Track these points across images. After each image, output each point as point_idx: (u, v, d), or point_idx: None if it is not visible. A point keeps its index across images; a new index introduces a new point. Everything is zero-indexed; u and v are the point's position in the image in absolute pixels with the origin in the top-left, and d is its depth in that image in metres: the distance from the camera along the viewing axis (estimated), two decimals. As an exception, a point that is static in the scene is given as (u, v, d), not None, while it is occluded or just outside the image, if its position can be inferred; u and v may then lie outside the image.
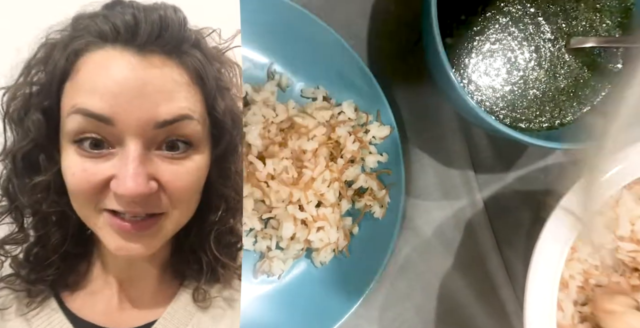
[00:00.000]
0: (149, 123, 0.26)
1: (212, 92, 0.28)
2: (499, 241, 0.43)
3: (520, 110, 0.37)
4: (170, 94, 0.26)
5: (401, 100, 0.42)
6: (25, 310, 0.28)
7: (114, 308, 0.29)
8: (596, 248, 0.33)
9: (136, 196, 0.26)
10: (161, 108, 0.26)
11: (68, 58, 0.26)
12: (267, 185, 0.36)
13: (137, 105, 0.26)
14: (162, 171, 0.27)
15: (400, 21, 0.41)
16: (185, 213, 0.28)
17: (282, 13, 0.37)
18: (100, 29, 0.26)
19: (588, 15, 0.37)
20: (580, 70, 0.37)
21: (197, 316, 0.30)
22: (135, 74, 0.26)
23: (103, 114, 0.25)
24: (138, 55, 0.26)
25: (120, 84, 0.25)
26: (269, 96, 0.38)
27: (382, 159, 0.40)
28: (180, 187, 0.27)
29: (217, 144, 0.29)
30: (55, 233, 0.28)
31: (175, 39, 0.27)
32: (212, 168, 0.29)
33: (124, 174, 0.25)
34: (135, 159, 0.26)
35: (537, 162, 0.43)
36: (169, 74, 0.26)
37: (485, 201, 0.43)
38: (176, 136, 0.27)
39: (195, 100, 0.27)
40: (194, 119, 0.27)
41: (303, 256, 0.39)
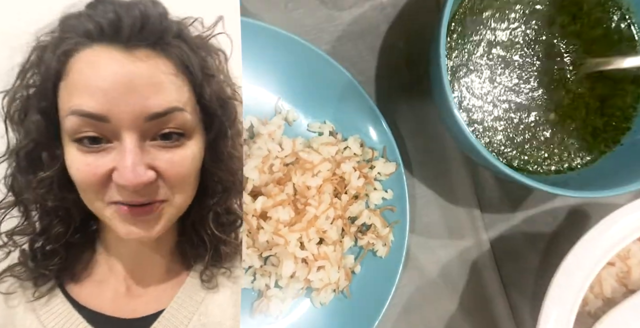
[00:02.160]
0: (141, 116, 0.27)
1: (199, 81, 0.29)
2: (505, 284, 0.42)
3: (529, 153, 0.37)
4: (159, 87, 0.27)
5: (407, 136, 0.41)
6: (32, 299, 0.29)
7: (121, 297, 0.30)
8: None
9: (137, 185, 0.27)
10: (151, 101, 0.27)
11: (59, 59, 0.27)
12: (258, 223, 0.35)
13: (128, 100, 0.27)
14: (159, 160, 0.28)
15: (408, 58, 0.41)
16: (185, 197, 0.29)
17: (291, 49, 0.38)
18: (86, 28, 0.27)
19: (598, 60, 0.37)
20: (590, 113, 0.37)
21: (205, 303, 0.31)
22: (123, 70, 0.27)
23: (97, 112, 0.26)
24: (124, 51, 0.27)
25: (109, 81, 0.26)
26: (276, 130, 0.38)
27: (387, 195, 0.39)
28: (177, 174, 0.28)
29: (208, 130, 0.30)
30: (58, 225, 0.29)
31: (157, 31, 0.28)
32: (206, 153, 0.30)
33: (123, 165, 0.27)
34: (131, 151, 0.27)
35: (545, 203, 0.43)
36: (155, 66, 0.27)
37: (491, 242, 0.42)
38: (168, 127, 0.28)
39: (184, 91, 0.28)
40: (184, 109, 0.28)
41: (303, 295, 0.38)
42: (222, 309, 0.31)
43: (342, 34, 0.41)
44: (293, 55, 0.38)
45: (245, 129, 0.38)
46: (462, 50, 0.37)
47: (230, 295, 0.31)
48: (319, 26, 0.41)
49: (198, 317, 0.30)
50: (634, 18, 0.38)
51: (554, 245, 0.42)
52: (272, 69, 0.38)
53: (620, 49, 0.37)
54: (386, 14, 0.41)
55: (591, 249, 0.31)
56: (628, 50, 0.38)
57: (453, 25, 0.36)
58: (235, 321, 0.31)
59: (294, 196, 0.37)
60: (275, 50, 0.37)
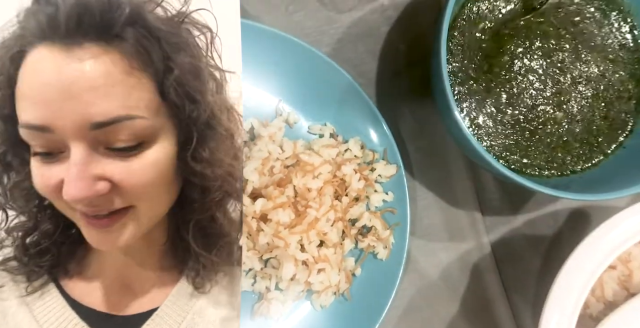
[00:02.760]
0: (84, 126, 0.24)
1: (160, 74, 0.25)
2: (506, 287, 0.42)
3: (530, 156, 0.37)
4: (103, 91, 0.24)
5: (408, 138, 0.41)
6: (24, 294, 0.28)
7: (115, 293, 0.29)
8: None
9: (81, 200, 0.25)
10: (94, 108, 0.24)
11: (11, 62, 0.25)
12: (258, 224, 0.35)
13: (69, 108, 0.24)
14: (112, 170, 0.25)
15: (409, 60, 0.41)
16: (157, 205, 0.27)
17: (291, 51, 0.38)
18: (32, 25, 0.25)
19: (601, 64, 0.37)
20: (594, 116, 0.37)
21: (199, 303, 0.29)
22: (62, 74, 0.24)
23: (38, 123, 0.25)
24: (64, 51, 0.24)
25: (49, 88, 0.24)
26: (276, 132, 0.38)
27: (388, 197, 0.39)
28: (135, 185, 0.26)
29: (180, 130, 0.26)
30: (47, 223, 0.28)
31: (99, 23, 0.24)
32: (178, 157, 0.27)
33: (67, 179, 0.25)
34: (76, 164, 0.24)
35: (547, 206, 0.42)
36: (100, 66, 0.24)
37: (492, 244, 0.42)
38: (120, 140, 0.25)
39: (140, 91, 0.25)
40: (137, 117, 0.25)
41: (303, 298, 0.38)
42: (217, 309, 0.30)
43: (342, 37, 0.41)
44: (294, 57, 0.38)
45: (245, 130, 0.38)
46: (463, 52, 0.37)
47: (226, 296, 0.30)
48: (319, 28, 0.41)
49: (192, 316, 0.29)
50: (635, 21, 0.38)
51: (555, 248, 0.42)
52: (272, 71, 0.38)
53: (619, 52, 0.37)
54: (387, 16, 0.41)
55: (592, 252, 0.31)
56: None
57: (454, 28, 0.36)
58: (233, 322, 0.30)
59: (294, 198, 0.36)
60: (275, 52, 0.37)
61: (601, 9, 0.37)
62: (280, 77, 0.39)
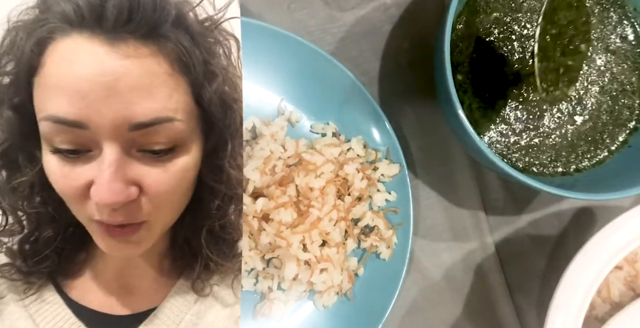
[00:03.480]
0: (124, 125, 0.23)
1: (200, 80, 0.25)
2: (510, 287, 0.41)
3: (535, 155, 0.36)
4: (147, 91, 0.23)
5: (411, 137, 0.41)
6: (23, 297, 0.27)
7: (113, 294, 0.28)
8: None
9: (113, 204, 0.24)
10: (137, 108, 0.23)
11: (33, 48, 0.23)
12: (260, 224, 0.35)
13: (109, 106, 0.22)
14: (143, 175, 0.24)
15: (413, 59, 0.41)
16: (172, 213, 0.27)
17: (294, 50, 0.37)
18: (63, 10, 0.23)
19: (602, 56, 0.37)
20: (600, 111, 0.36)
21: (198, 304, 0.29)
22: (105, 68, 0.22)
23: (72, 118, 0.23)
24: (108, 44, 0.22)
25: (88, 82, 0.22)
26: (278, 131, 0.38)
27: (391, 197, 0.39)
28: (163, 192, 0.25)
29: (207, 138, 0.26)
30: (47, 228, 0.26)
31: (150, 21, 0.23)
32: (203, 163, 0.26)
33: (100, 181, 0.23)
34: (111, 165, 0.23)
35: (551, 206, 0.42)
36: (145, 65, 0.23)
37: (496, 245, 0.42)
38: (157, 142, 0.24)
39: (179, 93, 0.24)
40: (176, 120, 0.24)
41: (305, 298, 0.38)
42: (216, 310, 0.30)
43: (345, 35, 0.41)
44: (296, 56, 0.37)
45: (247, 129, 0.38)
46: (467, 51, 0.36)
47: (227, 297, 0.30)
48: (322, 27, 0.40)
49: (190, 317, 0.29)
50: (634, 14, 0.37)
51: (560, 248, 0.42)
52: (274, 69, 0.38)
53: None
54: (390, 14, 0.41)
55: (598, 253, 0.31)
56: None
57: (458, 26, 0.36)
58: (233, 322, 0.30)
59: (296, 198, 0.36)
60: (277, 51, 0.37)
61: (600, 3, 0.37)
62: (283, 75, 0.38)
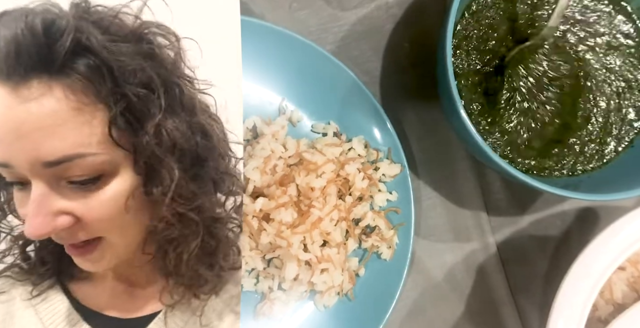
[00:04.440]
0: (36, 164, 0.24)
1: (113, 105, 0.24)
2: (512, 288, 0.41)
3: (539, 155, 0.36)
4: (50, 131, 0.23)
5: (413, 137, 0.41)
6: (30, 297, 0.28)
7: (119, 296, 0.29)
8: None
9: (39, 236, 0.25)
10: (43, 147, 0.24)
11: None
12: (260, 224, 0.35)
13: (20, 148, 0.24)
14: (72, 205, 0.25)
15: (414, 58, 0.41)
16: (128, 234, 0.27)
17: (295, 49, 0.37)
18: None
19: (607, 52, 0.36)
20: (609, 108, 0.36)
21: (201, 307, 0.30)
22: (12, 114, 0.23)
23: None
24: (12, 91, 0.23)
25: (1, 127, 0.24)
26: (279, 130, 0.38)
27: (392, 197, 0.39)
28: (98, 217, 0.26)
29: (135, 162, 0.26)
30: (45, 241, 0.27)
31: (38, 57, 0.23)
32: (145, 185, 0.26)
33: (28, 212, 0.25)
34: (34, 200, 0.25)
35: (554, 206, 0.42)
36: (46, 105, 0.23)
37: (498, 245, 0.41)
38: (75, 175, 0.25)
39: (92, 126, 0.24)
40: (89, 154, 0.24)
41: (306, 298, 0.38)
42: (219, 312, 0.30)
43: (346, 34, 0.40)
44: (297, 55, 0.37)
45: (248, 129, 0.38)
46: (469, 50, 0.36)
47: (229, 298, 0.31)
48: (323, 26, 0.40)
49: (195, 320, 0.30)
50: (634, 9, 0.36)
51: (563, 249, 0.41)
52: (276, 69, 0.38)
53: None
54: (392, 13, 0.41)
55: (601, 253, 0.30)
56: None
57: (460, 26, 0.36)
58: (234, 324, 0.30)
59: (297, 197, 0.36)
60: (279, 50, 0.37)
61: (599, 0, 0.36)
62: (284, 75, 0.38)
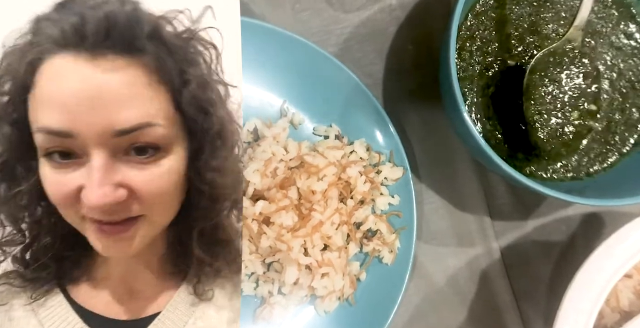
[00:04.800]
0: (108, 132, 0.26)
1: (176, 88, 0.27)
2: (516, 294, 0.40)
3: (543, 158, 0.35)
4: (127, 100, 0.26)
5: (415, 140, 0.40)
6: (30, 301, 0.29)
7: (119, 299, 0.30)
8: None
9: (103, 206, 0.26)
10: (118, 117, 0.25)
11: (26, 69, 0.26)
12: (260, 227, 0.34)
13: (94, 116, 0.25)
14: (131, 177, 0.26)
15: (417, 61, 0.41)
16: (165, 214, 0.28)
17: (297, 51, 0.37)
18: (51, 33, 0.26)
19: (609, 52, 0.36)
20: (613, 109, 0.35)
21: (200, 308, 0.30)
22: (88, 83, 0.25)
23: (60, 129, 0.25)
24: (90, 60, 0.25)
25: (74, 96, 0.25)
26: (280, 132, 0.38)
27: (394, 201, 0.38)
28: (152, 192, 0.27)
29: (190, 142, 0.28)
30: (46, 236, 0.28)
31: (125, 36, 0.26)
32: (189, 166, 0.28)
33: (89, 185, 0.26)
34: (99, 170, 0.25)
35: (559, 211, 0.41)
36: (124, 77, 0.26)
37: (502, 250, 0.41)
38: (140, 143, 0.26)
39: (158, 101, 0.26)
40: (156, 124, 0.26)
41: (306, 303, 0.37)
42: (218, 314, 0.30)
43: (349, 36, 0.40)
44: (299, 57, 0.37)
45: (249, 131, 0.38)
46: (472, 53, 0.36)
47: (228, 300, 0.30)
48: (326, 28, 0.40)
49: (194, 321, 0.30)
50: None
51: (568, 255, 0.41)
52: (277, 71, 0.38)
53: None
54: (395, 16, 0.40)
55: (607, 260, 0.30)
56: None
57: (463, 28, 0.36)
58: (234, 326, 0.30)
59: (298, 201, 0.36)
60: (281, 52, 0.37)
61: (598, 0, 0.36)
62: (285, 77, 0.38)
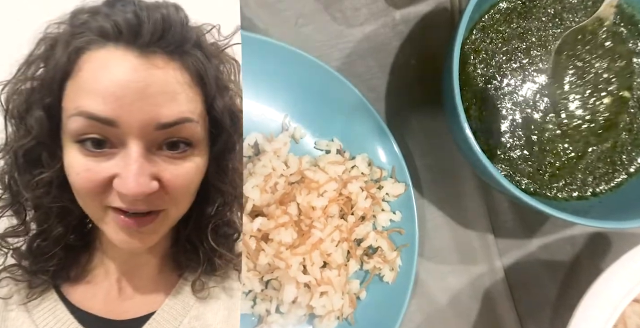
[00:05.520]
0: (151, 125, 0.26)
1: (212, 92, 0.28)
2: (520, 315, 0.39)
3: (548, 177, 0.35)
4: (172, 96, 0.27)
5: (418, 155, 0.40)
6: (26, 301, 0.28)
7: (114, 299, 0.30)
8: None
9: (139, 195, 0.26)
10: (163, 110, 0.26)
11: (70, 56, 0.26)
12: (258, 244, 0.34)
13: (140, 108, 0.26)
14: (163, 170, 0.27)
15: (421, 76, 0.40)
16: (182, 209, 0.29)
17: (299, 65, 0.37)
18: (102, 26, 0.26)
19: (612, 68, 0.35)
20: (618, 129, 0.34)
21: (196, 307, 0.30)
22: (138, 76, 0.26)
23: (106, 116, 0.26)
24: (140, 56, 0.26)
25: (122, 86, 0.26)
26: (281, 147, 0.37)
27: (395, 217, 0.38)
28: (180, 186, 0.28)
29: (215, 143, 0.29)
30: (57, 226, 0.28)
31: (178, 40, 0.27)
32: (210, 165, 0.29)
33: (127, 174, 0.26)
34: (137, 160, 0.26)
35: (564, 230, 0.40)
36: (171, 74, 0.27)
37: (505, 269, 0.40)
38: (177, 137, 0.27)
39: (196, 101, 0.28)
40: (194, 121, 0.27)
41: (305, 322, 0.36)
42: (214, 313, 0.30)
43: (352, 51, 0.40)
44: (301, 71, 0.37)
45: (250, 145, 0.37)
46: (476, 66, 0.35)
47: (224, 301, 0.30)
48: (329, 42, 0.40)
49: (189, 320, 0.30)
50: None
51: (573, 276, 0.40)
52: (279, 85, 0.37)
53: None
54: (398, 31, 0.40)
55: (614, 284, 0.29)
56: None
57: (468, 42, 0.35)
58: (232, 325, 0.30)
59: (297, 217, 0.35)
60: (283, 66, 0.37)
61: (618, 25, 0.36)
62: (287, 91, 0.38)
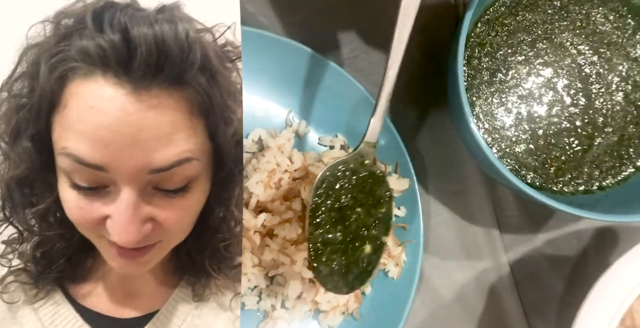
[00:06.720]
0: (144, 171, 0.24)
1: (217, 122, 0.26)
2: (526, 310, 0.39)
3: (554, 171, 0.34)
4: (168, 138, 0.24)
5: (422, 151, 0.40)
6: (33, 301, 0.28)
7: (118, 298, 0.30)
8: None
9: (130, 243, 0.25)
10: (157, 155, 0.24)
11: (54, 85, 0.23)
12: (263, 240, 0.34)
13: (130, 153, 0.24)
14: (158, 211, 0.26)
15: (425, 71, 0.40)
16: (179, 239, 0.28)
17: (303, 61, 0.37)
18: (86, 47, 0.23)
19: (623, 63, 0.35)
20: (626, 122, 0.34)
21: (199, 307, 0.30)
22: (129, 120, 0.23)
23: (95, 163, 0.24)
24: (133, 93, 0.23)
25: (112, 131, 0.23)
26: (285, 143, 0.37)
27: (400, 213, 0.38)
28: (176, 223, 0.26)
29: (217, 172, 0.27)
30: (60, 241, 0.28)
31: (177, 70, 0.23)
32: (210, 193, 0.27)
33: (118, 220, 0.25)
34: (128, 207, 0.25)
35: (570, 224, 0.40)
36: (166, 115, 0.24)
37: (511, 264, 0.40)
38: (173, 183, 0.25)
39: (196, 135, 0.25)
40: (193, 159, 0.25)
41: (310, 318, 0.36)
42: (215, 312, 0.30)
43: (356, 46, 0.40)
44: (305, 67, 0.37)
45: (254, 141, 0.37)
46: (480, 64, 0.35)
47: (227, 300, 0.30)
48: (333, 38, 0.40)
49: (192, 319, 0.30)
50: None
51: (580, 270, 0.40)
52: (283, 81, 0.37)
53: None
54: (401, 25, 0.40)
55: (621, 278, 0.29)
56: None
57: (473, 35, 0.35)
58: (234, 324, 0.30)
59: (302, 212, 0.35)
60: (287, 62, 0.37)
61: (614, 9, 0.35)
62: (291, 86, 0.38)
